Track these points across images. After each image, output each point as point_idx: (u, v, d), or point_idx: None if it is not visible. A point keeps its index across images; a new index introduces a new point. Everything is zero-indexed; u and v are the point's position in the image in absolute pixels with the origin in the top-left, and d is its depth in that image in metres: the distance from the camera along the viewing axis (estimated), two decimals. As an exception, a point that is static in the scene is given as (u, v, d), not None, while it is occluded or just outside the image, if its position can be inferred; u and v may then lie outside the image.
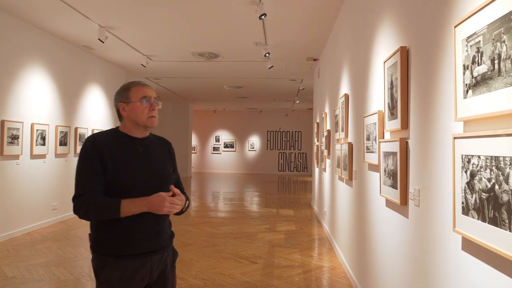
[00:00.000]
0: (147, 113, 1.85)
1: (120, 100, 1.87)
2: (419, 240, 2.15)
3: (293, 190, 13.27)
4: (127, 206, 1.72)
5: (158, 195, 1.75)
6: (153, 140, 1.97)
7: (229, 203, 9.95)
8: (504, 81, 1.30)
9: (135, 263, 1.77)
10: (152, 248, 1.81)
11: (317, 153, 8.00)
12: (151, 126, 1.88)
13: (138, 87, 1.86)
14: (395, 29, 2.63)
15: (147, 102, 1.85)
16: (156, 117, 1.89)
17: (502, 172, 1.30)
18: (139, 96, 1.84)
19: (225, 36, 6.61)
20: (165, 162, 1.98)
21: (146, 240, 1.80)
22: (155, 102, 1.88)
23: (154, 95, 1.88)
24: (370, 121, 3.20)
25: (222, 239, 5.85)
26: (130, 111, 1.84)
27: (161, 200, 1.74)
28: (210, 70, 9.45)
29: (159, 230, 1.86)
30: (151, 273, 1.81)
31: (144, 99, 1.84)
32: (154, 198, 1.74)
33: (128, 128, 1.88)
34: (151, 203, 1.74)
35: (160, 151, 1.99)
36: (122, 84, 1.95)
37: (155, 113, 1.88)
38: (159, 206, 1.74)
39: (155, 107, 1.88)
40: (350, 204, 4.21)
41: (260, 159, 19.39)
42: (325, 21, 5.71)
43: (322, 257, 4.98)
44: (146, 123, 1.86)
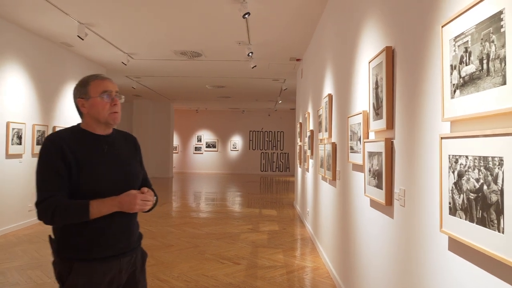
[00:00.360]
0: (108, 108, 1.75)
1: (79, 95, 1.76)
2: (404, 240, 2.15)
3: (275, 190, 13.28)
4: (97, 207, 1.63)
5: (129, 193, 1.67)
6: (117, 137, 1.88)
7: (211, 203, 9.87)
8: (493, 81, 1.29)
9: (104, 267, 1.69)
10: (121, 250, 1.74)
11: (300, 153, 8.01)
12: (114, 122, 1.78)
13: (98, 81, 1.76)
14: (380, 29, 2.63)
15: (108, 97, 1.75)
16: (118, 113, 1.78)
17: (490, 173, 1.30)
18: (99, 91, 1.74)
19: (208, 35, 6.55)
20: (132, 160, 1.89)
21: (116, 241, 1.73)
22: (117, 96, 1.78)
23: (115, 89, 1.78)
24: (354, 121, 3.20)
25: (205, 240, 5.78)
26: (90, 107, 1.74)
27: (132, 198, 1.67)
28: (192, 69, 9.35)
29: (129, 230, 1.79)
30: (120, 276, 1.75)
31: (104, 94, 1.74)
32: (125, 196, 1.67)
33: (90, 125, 1.78)
34: (122, 202, 1.66)
35: (126, 147, 1.89)
36: (80, 79, 1.82)
37: (117, 108, 1.77)
38: (130, 204, 1.67)
39: (117, 102, 1.78)
40: (334, 204, 4.21)
41: (243, 159, 19.35)
42: (308, 21, 5.72)
43: (305, 257, 4.98)
44: (108, 120, 1.76)
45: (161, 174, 16.29)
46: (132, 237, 1.80)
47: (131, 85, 11.26)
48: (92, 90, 1.74)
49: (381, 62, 2.48)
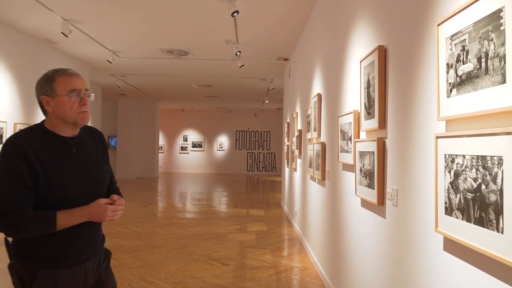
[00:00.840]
0: (76, 108, 1.60)
1: (43, 92, 1.60)
2: (397, 240, 2.14)
3: (262, 190, 13.26)
4: (64, 219, 1.54)
5: (99, 204, 1.59)
6: (85, 136, 1.74)
7: (198, 203, 9.78)
8: (492, 80, 1.28)
9: (69, 273, 1.62)
10: (87, 257, 1.69)
11: (288, 153, 8.00)
12: (82, 123, 1.65)
13: (65, 78, 1.60)
14: (372, 28, 2.62)
15: (77, 96, 1.60)
16: (87, 112, 1.64)
17: (489, 172, 1.28)
18: (67, 89, 1.58)
19: (196, 33, 6.47)
20: (100, 161, 1.79)
21: (83, 251, 1.67)
22: (86, 94, 1.63)
23: (84, 87, 1.63)
24: (345, 120, 3.19)
25: (192, 240, 5.71)
26: (56, 106, 1.59)
27: (103, 209, 1.59)
28: (179, 68, 9.25)
29: (96, 238, 1.75)
30: (86, 280, 1.69)
31: (73, 93, 1.59)
32: (95, 207, 1.58)
33: (55, 125, 1.63)
34: (92, 213, 1.58)
35: (93, 148, 1.78)
36: (44, 73, 1.64)
37: (86, 107, 1.63)
38: (101, 216, 1.60)
39: (86, 101, 1.63)
40: (323, 204, 4.20)
41: (229, 159, 19.27)
42: (297, 21, 5.70)
43: (293, 257, 4.96)
44: (76, 120, 1.62)
45: (147, 174, 16.10)
46: (97, 243, 1.76)
47: (116, 84, 11.08)
48: (59, 87, 1.58)
49: (373, 61, 2.47)
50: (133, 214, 7.67)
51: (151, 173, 16.21)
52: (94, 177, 1.71)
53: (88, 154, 1.73)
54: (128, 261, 4.63)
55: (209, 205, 9.44)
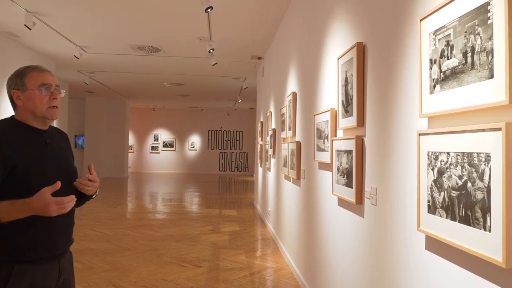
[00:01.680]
0: (46, 102, 1.65)
1: (14, 87, 1.64)
2: (376, 239, 2.11)
3: (235, 190, 13.16)
4: (5, 211, 1.47)
5: (40, 198, 1.48)
6: (53, 132, 1.79)
7: (169, 204, 9.56)
8: (479, 75, 1.25)
9: (45, 268, 1.61)
10: (61, 250, 1.69)
11: (261, 153, 7.94)
12: (51, 118, 1.68)
13: (36, 73, 1.65)
14: (350, 25, 2.59)
15: (47, 90, 1.65)
16: (57, 108, 1.69)
17: (475, 169, 1.26)
18: (37, 83, 1.63)
19: (168, 29, 6.30)
20: (69, 155, 1.84)
21: (58, 242, 1.66)
22: (57, 90, 1.69)
23: (55, 82, 1.69)
24: (321, 119, 3.15)
25: (163, 242, 5.55)
26: (27, 100, 1.63)
27: (45, 204, 1.48)
28: (150, 65, 9.01)
29: (69, 229, 1.75)
30: (59, 277, 1.67)
31: (43, 87, 1.64)
32: (37, 201, 1.48)
33: (25, 119, 1.66)
34: (34, 206, 1.48)
35: (62, 143, 1.82)
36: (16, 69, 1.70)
37: (56, 102, 1.67)
38: (44, 211, 1.50)
39: (57, 96, 1.68)
40: (298, 203, 4.16)
41: (201, 158, 19.04)
42: (272, 18, 5.65)
43: (268, 258, 4.90)
44: (45, 114, 1.65)
45: (116, 174, 15.65)
46: (71, 235, 1.77)
47: (84, 81, 10.69)
48: (30, 82, 1.63)
49: (351, 58, 2.43)
50: (102, 216, 7.40)
51: (120, 173, 15.78)
52: (68, 169, 1.74)
53: (60, 147, 1.77)
54: (96, 265, 4.43)
55: (180, 206, 9.26)
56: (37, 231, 1.57)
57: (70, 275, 1.78)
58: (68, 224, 1.73)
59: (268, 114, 6.76)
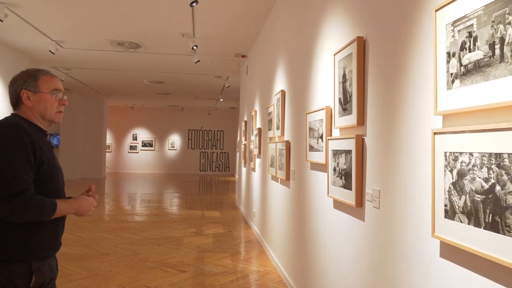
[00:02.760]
0: (56, 107, 1.75)
1: (26, 87, 1.70)
2: (379, 244, 1.99)
3: (216, 190, 12.96)
4: (60, 209, 1.64)
5: (86, 199, 1.70)
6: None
7: (149, 205, 9.28)
8: (509, 68, 1.14)
9: (49, 263, 1.70)
10: (58, 250, 1.79)
11: (245, 153, 7.79)
12: (58, 122, 1.80)
13: (49, 78, 1.75)
14: (348, 19, 2.47)
15: (59, 96, 1.76)
16: (62, 113, 1.81)
17: (506, 171, 1.14)
18: (51, 88, 1.73)
19: (150, 24, 6.07)
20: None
21: (60, 240, 1.79)
22: (65, 96, 1.81)
23: (63, 89, 1.80)
24: (315, 117, 3.03)
25: (144, 246, 5.33)
26: (38, 102, 1.70)
27: (89, 204, 1.71)
28: (130, 62, 8.73)
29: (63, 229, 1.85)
30: (56, 271, 1.79)
31: (57, 92, 1.74)
32: (83, 201, 1.69)
33: (32, 119, 1.72)
34: (80, 205, 1.70)
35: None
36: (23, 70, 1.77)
37: (63, 108, 1.80)
38: (85, 211, 1.73)
39: (66, 102, 1.79)
40: (287, 205, 4.03)
41: (181, 158, 18.72)
42: (257, 16, 5.50)
43: (254, 261, 4.75)
44: (53, 118, 1.76)
45: (93, 174, 15.18)
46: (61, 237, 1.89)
47: (60, 78, 10.25)
48: (43, 85, 1.71)
49: (351, 53, 2.32)
50: (78, 218, 7.06)
51: (97, 173, 15.32)
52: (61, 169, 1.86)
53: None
54: (73, 271, 4.18)
55: (161, 207, 9.00)
56: (47, 230, 1.65)
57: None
58: (64, 225, 1.82)
59: (253, 113, 6.61)
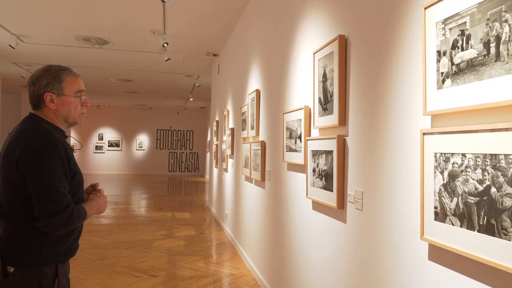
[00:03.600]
0: (79, 109, 1.69)
1: (50, 89, 1.61)
2: (362, 246, 1.96)
3: (186, 191, 12.74)
4: (88, 213, 1.65)
5: (99, 196, 1.70)
6: None
7: (116, 207, 8.96)
8: (506, 67, 1.12)
9: (67, 266, 1.69)
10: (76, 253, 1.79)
11: (217, 153, 7.67)
12: (80, 123, 1.75)
13: (73, 78, 1.66)
14: (328, 17, 2.43)
15: (83, 98, 1.69)
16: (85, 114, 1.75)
17: (503, 173, 1.12)
18: (75, 90, 1.66)
19: (118, 20, 5.84)
20: None
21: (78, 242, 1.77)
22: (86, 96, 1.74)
23: (85, 88, 1.72)
24: (292, 117, 2.97)
25: (113, 250, 5.11)
26: (62, 105, 1.63)
27: (105, 201, 1.71)
28: (96, 58, 8.40)
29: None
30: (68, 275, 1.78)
31: (80, 94, 1.67)
32: (99, 199, 1.69)
33: (55, 121, 1.66)
34: (99, 203, 1.69)
35: None
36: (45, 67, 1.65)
37: (85, 109, 1.74)
38: (104, 208, 1.73)
39: (88, 102, 1.73)
40: (262, 206, 3.96)
41: (149, 159, 18.29)
42: (231, 12, 5.41)
43: (228, 263, 4.65)
44: (76, 120, 1.70)
45: (55, 175, 14.53)
46: None
47: (20, 74, 9.75)
48: (67, 87, 1.64)
49: (332, 52, 2.27)
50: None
51: (60, 174, 14.69)
52: None
53: None
54: (36, 279, 3.93)
55: (129, 209, 8.72)
56: (74, 236, 1.66)
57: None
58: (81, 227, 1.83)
59: (225, 113, 6.51)
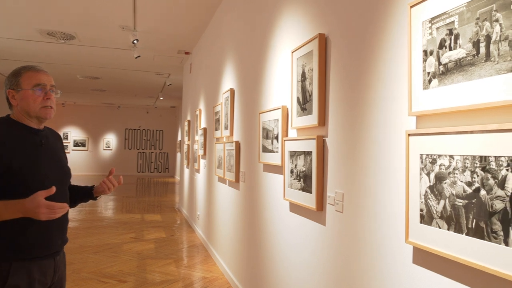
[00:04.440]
0: (40, 102, 1.70)
1: (10, 86, 1.71)
2: (342, 249, 1.92)
3: (155, 192, 12.45)
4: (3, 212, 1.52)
5: (33, 200, 1.52)
6: (48, 133, 1.83)
7: (82, 209, 8.61)
8: (496, 67, 1.10)
9: (41, 265, 1.64)
10: (57, 248, 1.73)
11: (188, 153, 7.52)
12: (45, 117, 1.73)
13: (31, 73, 1.71)
14: (308, 15, 2.39)
15: (41, 90, 1.70)
16: (52, 108, 1.74)
17: (493, 175, 1.10)
18: (32, 83, 1.69)
19: (86, 14, 5.60)
20: (64, 156, 1.90)
21: (55, 239, 1.71)
22: (52, 90, 1.74)
23: (50, 82, 1.74)
24: (269, 117, 2.91)
25: (79, 255, 4.89)
26: (21, 99, 1.69)
27: (36, 206, 1.50)
28: (62, 54, 8.05)
29: (64, 227, 1.79)
30: (54, 275, 1.72)
31: (37, 87, 1.69)
32: (29, 203, 1.52)
33: (21, 118, 1.71)
34: (26, 208, 1.51)
35: (57, 144, 1.87)
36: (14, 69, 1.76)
37: (50, 102, 1.72)
38: (35, 213, 1.51)
39: (51, 96, 1.73)
40: (237, 208, 3.88)
41: (117, 159, 17.78)
42: (204, 10, 5.30)
43: (200, 266, 4.54)
44: (39, 114, 1.71)
45: (16, 176, 13.87)
46: (66, 234, 1.80)
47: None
48: (25, 81, 1.69)
49: (311, 51, 2.23)
50: None
51: (22, 175, 14.03)
52: (62, 169, 1.81)
53: (55, 147, 1.83)
54: (-6, 288, 3.69)
55: (95, 211, 8.41)
56: (35, 230, 1.61)
57: (64, 273, 1.81)
58: (63, 224, 1.77)
59: (197, 113, 6.38)
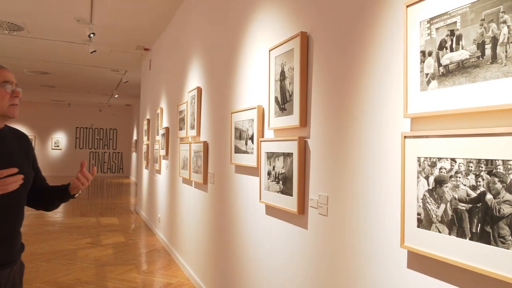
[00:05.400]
0: (8, 100, 1.64)
1: None
2: (327, 253, 1.87)
3: (110, 194, 11.93)
4: None
5: None
6: (9, 134, 1.73)
7: (29, 213, 8.04)
8: (504, 70, 1.08)
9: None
10: (2, 262, 1.62)
11: (148, 153, 7.24)
12: (12, 116, 1.67)
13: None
14: (287, 12, 2.32)
15: (9, 88, 1.64)
16: (18, 106, 1.67)
17: (500, 179, 1.08)
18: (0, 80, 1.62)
19: (37, 3, 5.20)
20: (23, 161, 1.75)
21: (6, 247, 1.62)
22: (17, 88, 1.68)
23: (15, 81, 1.68)
24: (242, 117, 2.82)
25: (30, 263, 4.52)
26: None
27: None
28: (7, 46, 7.46)
29: (10, 239, 1.67)
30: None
31: (6, 84, 1.63)
32: None
33: None
34: None
35: (17, 146, 1.73)
36: None
37: (17, 100, 1.67)
38: None
39: (19, 94, 1.67)
40: (204, 210, 3.75)
41: (67, 159, 16.87)
42: (166, 5, 5.10)
43: (164, 272, 4.36)
44: (7, 113, 1.65)
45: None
46: (13, 247, 1.69)
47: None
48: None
49: (292, 49, 2.17)
50: None
51: (-41, 177, 12.92)
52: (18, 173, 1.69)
53: (11, 151, 1.71)
54: None
55: (45, 215, 7.88)
56: None
57: (17, 286, 1.70)
58: (9, 234, 1.65)
59: (158, 111, 6.15)
